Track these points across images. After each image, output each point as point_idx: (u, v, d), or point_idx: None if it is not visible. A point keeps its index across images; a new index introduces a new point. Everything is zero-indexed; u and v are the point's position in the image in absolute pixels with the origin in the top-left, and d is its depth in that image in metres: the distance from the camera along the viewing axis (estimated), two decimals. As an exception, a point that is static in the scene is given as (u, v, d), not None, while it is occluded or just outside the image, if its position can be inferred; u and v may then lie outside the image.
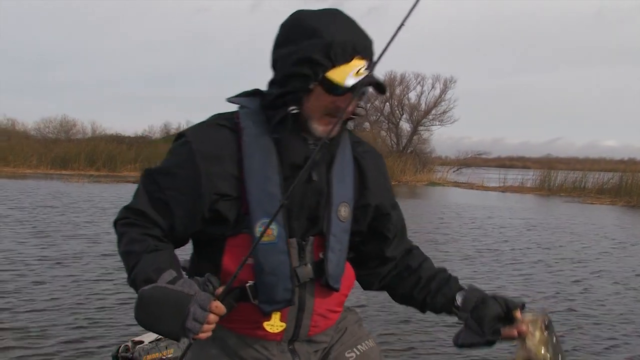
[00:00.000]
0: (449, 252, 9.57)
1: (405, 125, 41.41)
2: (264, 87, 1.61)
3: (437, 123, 41.03)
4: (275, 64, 1.55)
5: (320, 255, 1.57)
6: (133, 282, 1.43)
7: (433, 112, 40.62)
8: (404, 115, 41.13)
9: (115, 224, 1.55)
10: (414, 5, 1.47)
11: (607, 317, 6.15)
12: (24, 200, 13.79)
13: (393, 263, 1.76)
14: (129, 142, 33.24)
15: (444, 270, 1.74)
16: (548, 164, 37.89)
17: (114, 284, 6.34)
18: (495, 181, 32.03)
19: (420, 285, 1.71)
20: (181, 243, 1.59)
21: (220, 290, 1.42)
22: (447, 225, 13.36)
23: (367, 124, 42.33)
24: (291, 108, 1.49)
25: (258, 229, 1.47)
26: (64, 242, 8.68)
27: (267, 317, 1.54)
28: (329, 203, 1.56)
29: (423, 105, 40.74)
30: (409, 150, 39.34)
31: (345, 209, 1.59)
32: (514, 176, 33.09)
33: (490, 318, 1.55)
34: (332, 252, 1.57)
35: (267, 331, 1.56)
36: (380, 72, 1.52)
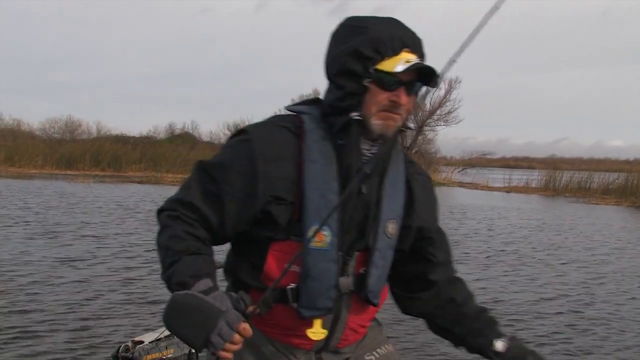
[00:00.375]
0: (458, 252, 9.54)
1: (410, 126, 41.31)
2: (265, 87, 1.62)
3: (442, 123, 40.93)
4: (328, 71, 1.55)
5: (361, 271, 1.56)
6: (168, 280, 1.42)
7: (438, 112, 40.55)
8: (409, 116, 41.05)
9: (160, 213, 1.52)
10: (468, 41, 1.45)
11: (617, 319, 6.12)
12: (31, 201, 13.82)
13: (435, 289, 1.72)
14: (134, 142, 33.32)
15: (486, 310, 1.72)
16: (553, 164, 37.83)
17: (114, 285, 6.36)
18: (499, 181, 31.98)
19: (462, 322, 1.70)
20: (223, 241, 1.57)
21: (251, 308, 1.41)
22: (455, 225, 13.32)
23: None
24: (353, 114, 1.48)
25: (310, 234, 1.45)
26: (66, 243, 8.70)
27: (307, 322, 1.53)
28: (378, 218, 1.55)
29: (428, 106, 40.70)
30: (413, 151, 39.28)
31: (392, 226, 1.58)
32: (518, 176, 33.01)
33: None
34: (375, 267, 1.56)
35: (299, 339, 1.56)
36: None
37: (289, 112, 1.59)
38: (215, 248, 1.53)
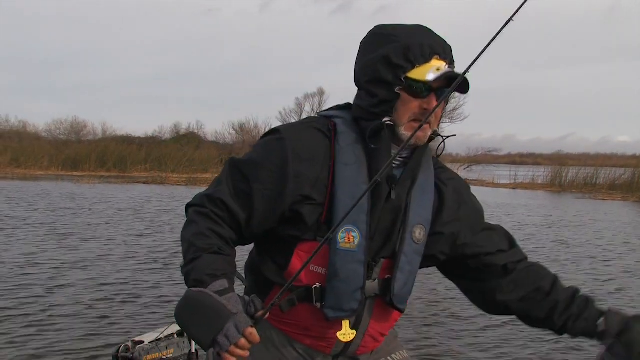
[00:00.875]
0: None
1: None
2: (270, 86, 1.62)
3: (447, 120, 40.91)
4: (358, 79, 1.56)
5: (387, 276, 1.56)
6: (186, 275, 1.43)
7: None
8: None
9: (188, 208, 1.54)
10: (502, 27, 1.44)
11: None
12: (38, 203, 13.89)
13: (510, 277, 1.67)
14: (139, 142, 33.44)
15: (578, 290, 1.66)
16: (559, 160, 37.67)
17: (114, 285, 6.38)
18: (505, 178, 31.89)
19: (559, 309, 1.63)
20: (250, 239, 1.58)
21: (260, 313, 1.41)
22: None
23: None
24: (385, 119, 1.48)
25: (341, 235, 1.46)
26: (70, 244, 8.74)
27: (331, 324, 1.53)
28: (405, 223, 1.55)
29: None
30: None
31: (420, 231, 1.57)
32: (524, 173, 32.88)
33: (639, 343, 1.51)
34: (401, 272, 1.55)
35: (320, 341, 1.56)
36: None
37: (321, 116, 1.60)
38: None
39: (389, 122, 1.48)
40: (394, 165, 1.53)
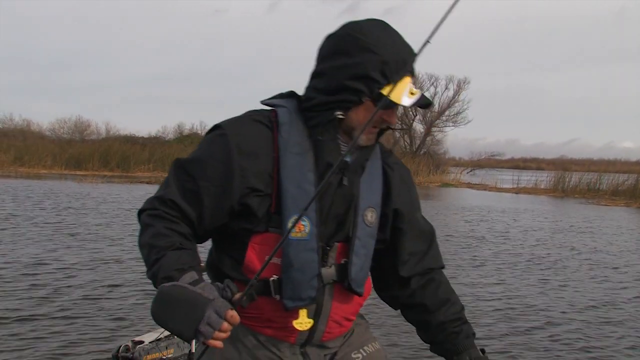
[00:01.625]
0: (470, 256, 9.50)
1: (418, 127, 41.27)
2: (275, 87, 1.63)
3: (451, 124, 40.95)
4: (321, 74, 1.56)
5: (343, 261, 1.58)
6: (153, 276, 1.43)
7: (446, 113, 40.52)
8: (417, 117, 41.01)
9: (141, 213, 1.54)
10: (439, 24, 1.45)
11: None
12: (44, 202, 13.92)
13: (411, 288, 1.73)
14: (142, 142, 33.50)
15: (456, 320, 1.72)
16: (562, 165, 37.68)
17: (115, 285, 6.39)
18: (508, 182, 31.87)
19: (428, 330, 1.74)
20: (205, 237, 1.58)
21: (237, 296, 1.42)
22: (468, 229, 13.29)
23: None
24: (338, 113, 1.51)
25: (289, 224, 1.47)
26: (72, 245, 8.75)
27: (291, 314, 1.54)
28: (357, 207, 1.57)
29: (436, 106, 40.63)
30: (422, 152, 39.23)
31: (371, 214, 1.61)
32: (527, 177, 32.85)
33: None
34: (357, 256, 1.57)
35: (283, 332, 1.57)
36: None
37: (264, 107, 1.62)
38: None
39: (341, 116, 1.51)
40: (344, 153, 1.54)
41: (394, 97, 1.47)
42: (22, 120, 40.97)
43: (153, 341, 3.42)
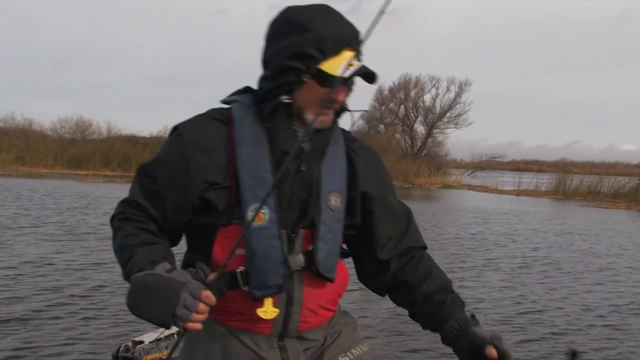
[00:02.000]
0: (474, 258, 9.49)
1: (420, 128, 41.30)
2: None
3: (452, 126, 40.94)
4: (266, 60, 1.59)
5: (310, 247, 1.57)
6: (128, 275, 1.44)
7: (448, 114, 40.51)
8: (419, 118, 41.05)
9: (112, 220, 1.58)
10: None
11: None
12: (48, 201, 13.93)
13: (391, 271, 1.71)
14: (144, 142, 33.41)
15: (441, 291, 1.69)
16: (563, 167, 37.63)
17: (115, 285, 6.37)
18: (509, 184, 31.83)
19: (415, 306, 1.71)
20: (175, 237, 1.62)
21: (212, 277, 1.44)
22: (473, 231, 13.27)
23: (381, 127, 42.31)
24: (283, 97, 1.53)
25: (250, 214, 1.49)
26: (73, 244, 8.76)
27: (259, 304, 1.53)
28: (319, 192, 1.57)
29: (438, 108, 40.65)
30: (423, 153, 39.22)
31: (336, 199, 1.60)
32: (528, 180, 32.81)
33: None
34: (323, 240, 1.57)
35: (256, 323, 1.55)
36: (367, 62, 1.57)
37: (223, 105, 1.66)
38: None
39: (287, 100, 1.53)
40: (301, 138, 1.56)
41: (329, 69, 1.49)
42: (23, 119, 40.90)
43: (153, 341, 3.42)
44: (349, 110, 1.62)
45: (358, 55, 1.54)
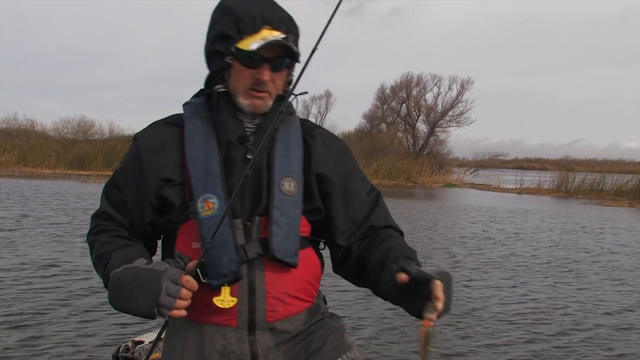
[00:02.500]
0: (475, 259, 9.46)
1: (422, 127, 41.30)
2: None
3: (454, 124, 40.94)
4: (205, 53, 1.65)
5: (268, 234, 1.56)
6: (106, 279, 1.45)
7: (450, 113, 40.49)
8: (421, 117, 41.04)
9: (87, 236, 1.64)
10: (324, 30, 1.53)
11: None
12: (53, 202, 13.94)
13: (353, 257, 1.67)
14: (146, 142, 33.42)
15: (393, 249, 1.57)
16: (566, 165, 37.57)
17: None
18: (512, 183, 31.79)
19: (373, 278, 1.59)
20: (151, 242, 1.67)
21: (191, 264, 1.45)
22: (477, 230, 13.23)
23: (383, 125, 42.33)
24: (218, 87, 1.58)
25: (200, 205, 1.52)
26: (74, 245, 8.74)
27: (217, 293, 1.52)
28: (271, 178, 1.58)
29: (440, 107, 40.63)
30: (425, 152, 39.19)
31: (289, 183, 1.59)
32: (530, 178, 32.74)
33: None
34: (278, 225, 1.55)
35: (220, 315, 1.54)
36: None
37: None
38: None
39: (222, 89, 1.58)
40: (248, 131, 1.60)
41: (244, 45, 1.51)
42: (26, 120, 41.08)
43: (153, 341, 3.40)
44: (290, 94, 1.59)
45: (288, 35, 1.56)
